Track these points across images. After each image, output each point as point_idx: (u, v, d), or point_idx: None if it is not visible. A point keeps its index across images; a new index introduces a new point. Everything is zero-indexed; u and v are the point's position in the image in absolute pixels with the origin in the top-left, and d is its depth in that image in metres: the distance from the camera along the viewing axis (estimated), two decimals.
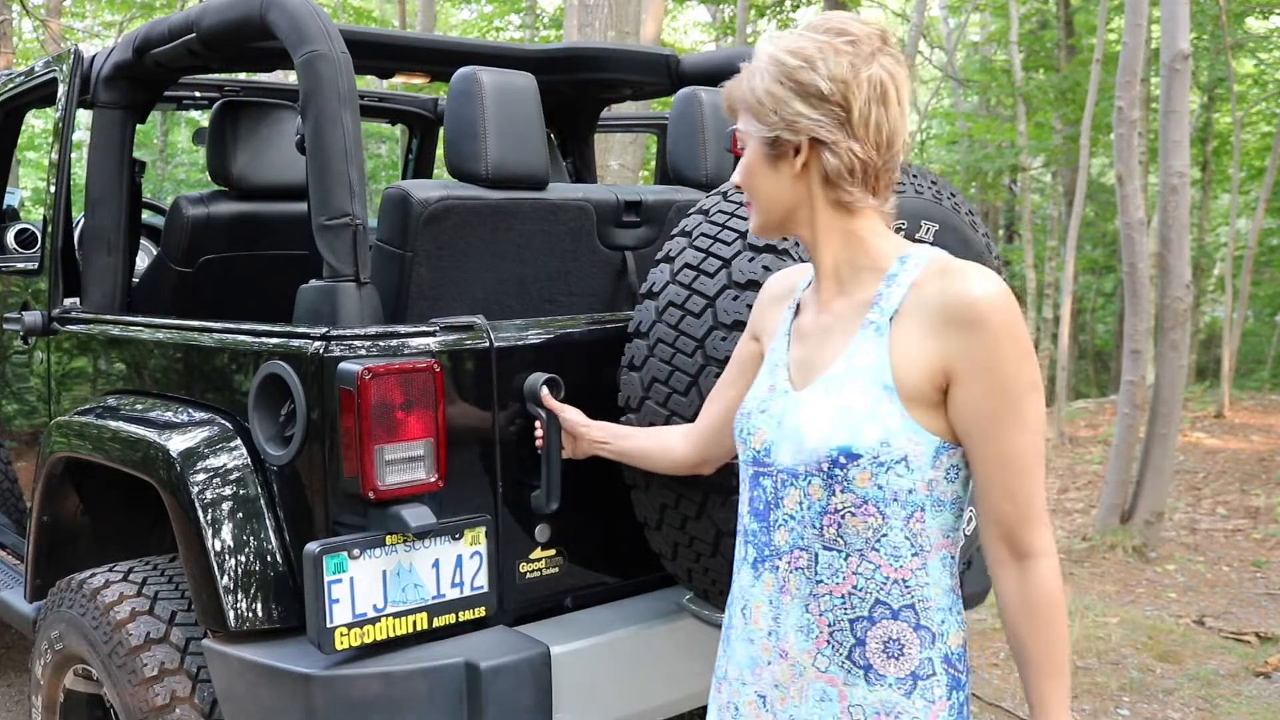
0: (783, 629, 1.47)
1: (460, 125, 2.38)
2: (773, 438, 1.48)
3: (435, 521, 1.99)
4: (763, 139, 1.46)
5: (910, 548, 1.41)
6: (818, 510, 1.43)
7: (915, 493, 1.40)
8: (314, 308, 2.17)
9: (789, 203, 1.49)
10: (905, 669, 1.42)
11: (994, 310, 1.35)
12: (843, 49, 1.40)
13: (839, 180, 1.44)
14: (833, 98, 1.40)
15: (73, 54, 2.89)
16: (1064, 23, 15.02)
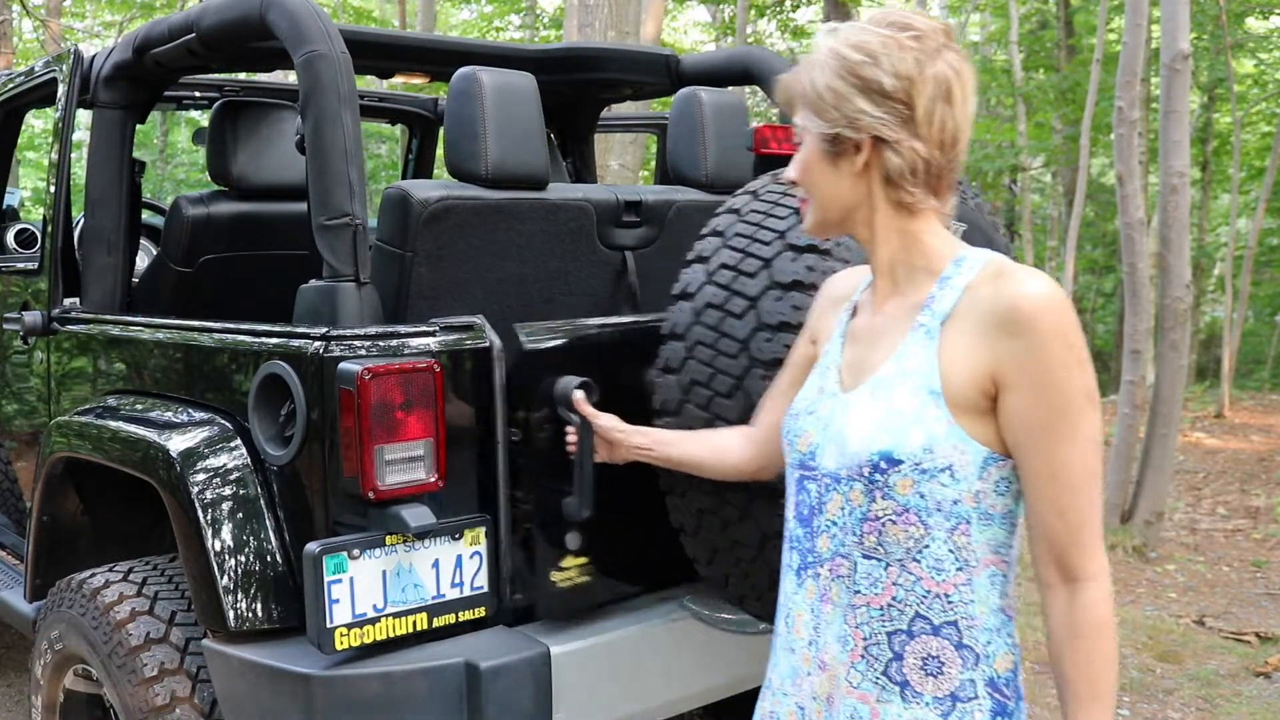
0: (823, 639, 1.43)
1: (460, 125, 2.38)
2: (818, 440, 1.44)
3: (435, 521, 1.99)
4: (822, 135, 1.40)
5: (954, 561, 1.35)
6: (858, 517, 1.38)
7: (961, 504, 1.34)
8: (314, 308, 2.17)
9: (848, 202, 1.43)
10: (944, 689, 1.36)
11: (1045, 313, 1.29)
12: (907, 44, 1.35)
13: (901, 180, 1.39)
14: (897, 95, 1.35)
15: (73, 54, 2.89)
16: (1064, 23, 15.02)
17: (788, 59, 4.40)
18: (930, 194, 1.40)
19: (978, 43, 18.71)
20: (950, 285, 1.37)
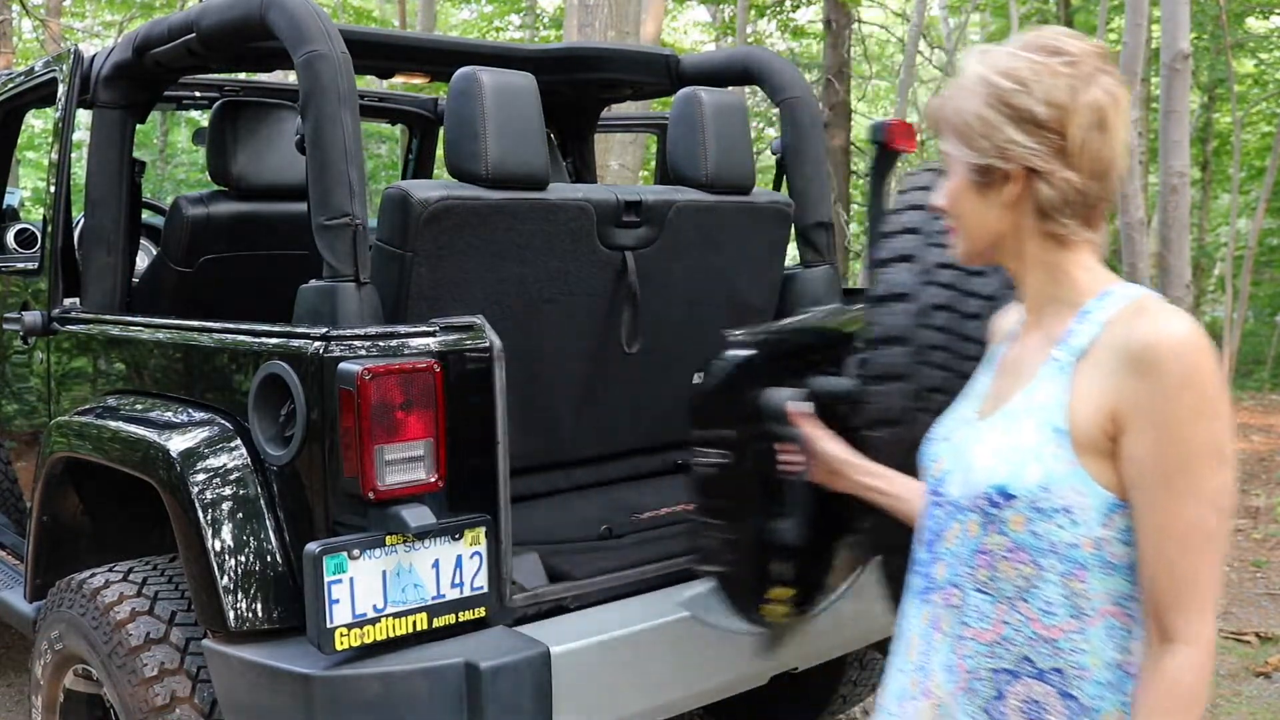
0: (930, 666, 1.40)
1: (460, 125, 2.38)
2: (949, 467, 1.41)
3: (435, 522, 1.99)
4: (971, 165, 1.36)
5: (1067, 607, 1.30)
6: (972, 548, 1.35)
7: (1078, 549, 1.28)
8: (314, 308, 2.17)
9: (997, 232, 1.39)
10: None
11: (1175, 356, 1.22)
12: (1060, 71, 1.31)
13: (1053, 212, 1.33)
14: (1049, 124, 1.30)
15: (73, 54, 2.89)
16: (1064, 23, 15.01)
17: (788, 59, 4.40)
18: (1083, 225, 1.35)
19: (978, 43, 18.72)
20: (1090, 320, 1.32)
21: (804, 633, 2.46)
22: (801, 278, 3.09)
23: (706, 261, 2.80)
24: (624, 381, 2.77)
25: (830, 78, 12.48)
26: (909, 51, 13.55)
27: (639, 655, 2.20)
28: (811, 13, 15.88)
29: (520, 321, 2.49)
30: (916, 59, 14.58)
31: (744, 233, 2.86)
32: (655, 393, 2.86)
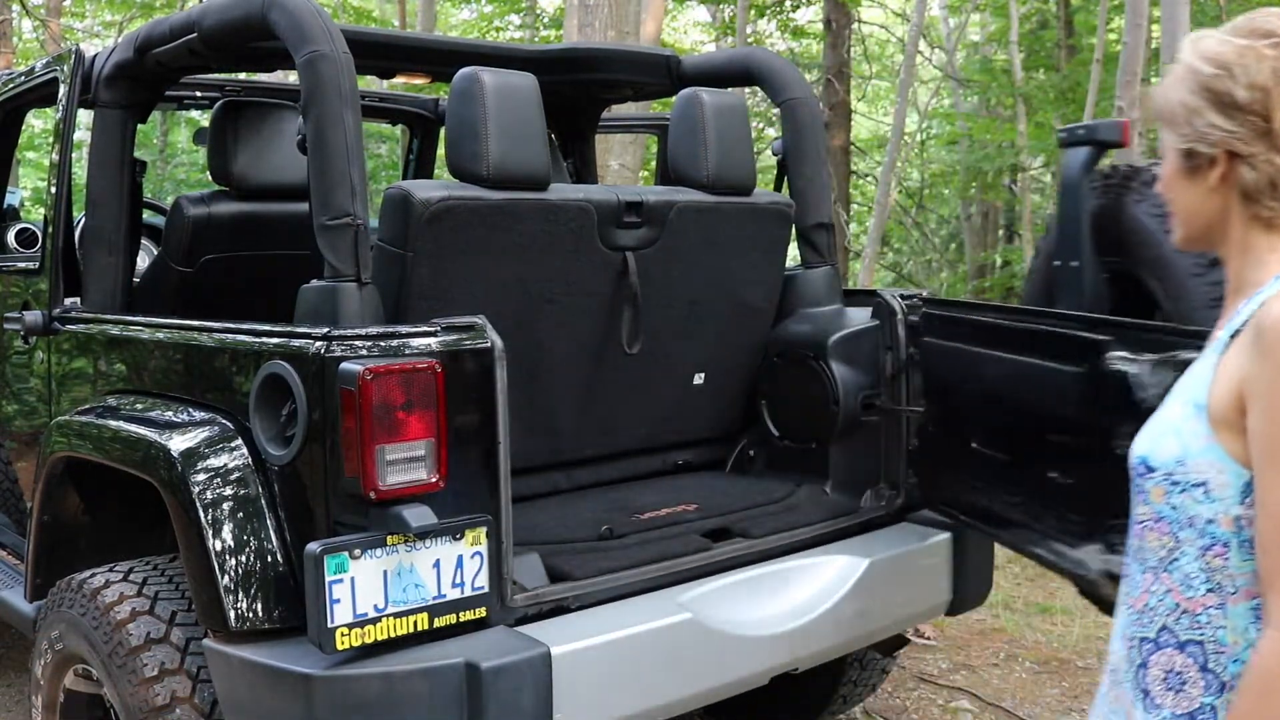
0: (1117, 630, 1.45)
1: (462, 125, 2.38)
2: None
3: (436, 521, 1.99)
4: (1178, 150, 1.39)
5: (1205, 581, 1.32)
6: (1133, 519, 1.41)
7: (1216, 524, 1.30)
8: (315, 308, 2.17)
9: (1207, 216, 1.41)
10: (1183, 707, 1.33)
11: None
12: (1266, 53, 1.31)
13: (1258, 195, 1.34)
14: (1251, 107, 1.31)
15: (74, 54, 2.89)
16: (1064, 23, 15.02)
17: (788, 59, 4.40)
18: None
19: (978, 43, 18.71)
20: (1255, 300, 1.32)
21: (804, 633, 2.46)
22: (802, 278, 3.10)
23: (707, 262, 2.80)
24: (624, 382, 2.77)
25: (830, 78, 12.48)
26: (909, 51, 13.53)
27: (639, 656, 2.20)
28: (811, 13, 15.88)
29: (521, 321, 2.49)
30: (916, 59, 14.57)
31: (745, 233, 2.86)
32: (656, 393, 2.86)
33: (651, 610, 2.29)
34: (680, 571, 2.42)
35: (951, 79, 17.55)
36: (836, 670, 3.25)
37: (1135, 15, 6.31)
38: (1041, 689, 4.07)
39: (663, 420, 2.93)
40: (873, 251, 12.73)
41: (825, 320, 2.97)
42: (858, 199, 16.51)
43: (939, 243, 19.46)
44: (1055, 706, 3.93)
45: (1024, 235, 14.80)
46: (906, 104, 13.75)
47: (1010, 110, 15.85)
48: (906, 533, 2.80)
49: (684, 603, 2.33)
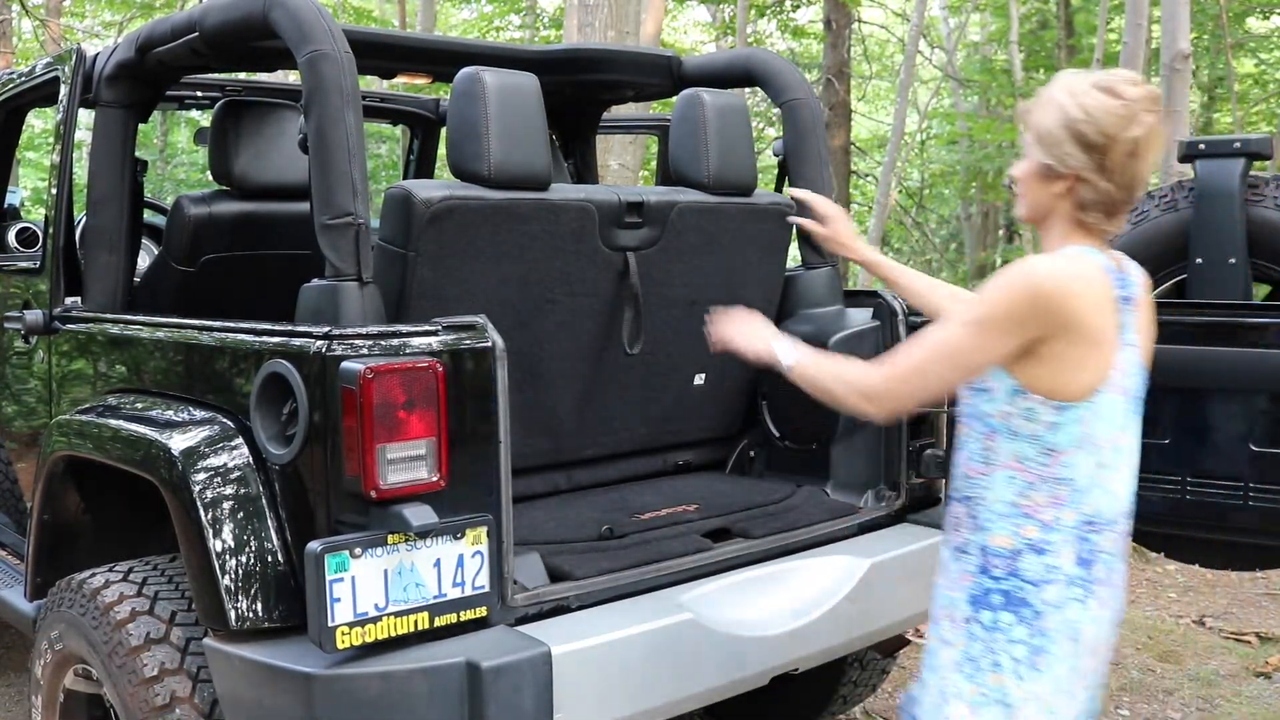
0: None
1: (463, 125, 2.38)
2: None
3: (437, 521, 1.99)
4: (1039, 161, 1.85)
5: (981, 457, 1.87)
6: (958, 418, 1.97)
7: (992, 418, 1.85)
8: (316, 307, 2.17)
9: (1045, 210, 1.88)
10: (955, 541, 1.93)
11: (1001, 275, 1.80)
12: (1116, 111, 1.78)
13: (1087, 207, 1.83)
14: (1100, 148, 1.78)
15: (75, 53, 2.89)
16: (1064, 23, 15.02)
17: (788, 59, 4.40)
18: (1105, 218, 1.84)
19: (978, 43, 18.71)
20: None
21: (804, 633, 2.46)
22: (803, 279, 3.10)
23: (708, 262, 2.80)
24: (625, 382, 2.77)
25: (830, 78, 12.48)
26: (909, 51, 13.54)
27: (640, 656, 2.20)
28: (811, 13, 15.88)
29: (522, 321, 2.49)
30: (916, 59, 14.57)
31: (745, 234, 2.86)
32: (656, 393, 2.86)
33: (652, 610, 2.29)
34: (681, 572, 2.42)
35: (951, 79, 17.55)
36: (836, 671, 3.25)
37: (1135, 15, 6.30)
38: None
39: (663, 420, 2.93)
40: None
41: (826, 321, 2.97)
42: (858, 199, 16.51)
43: (939, 243, 19.46)
44: None
45: (1024, 235, 14.80)
46: (906, 104, 13.75)
47: (1010, 110, 15.84)
48: (907, 534, 2.80)
49: (684, 603, 2.33)
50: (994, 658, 1.85)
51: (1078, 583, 1.85)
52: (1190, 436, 2.70)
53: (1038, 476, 1.83)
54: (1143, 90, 1.80)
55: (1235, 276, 2.97)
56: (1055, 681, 1.85)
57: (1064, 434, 1.80)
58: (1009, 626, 1.84)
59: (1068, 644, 1.84)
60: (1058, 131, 1.81)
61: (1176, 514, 2.69)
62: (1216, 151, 3.05)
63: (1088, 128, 1.78)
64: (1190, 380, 2.68)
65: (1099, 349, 1.79)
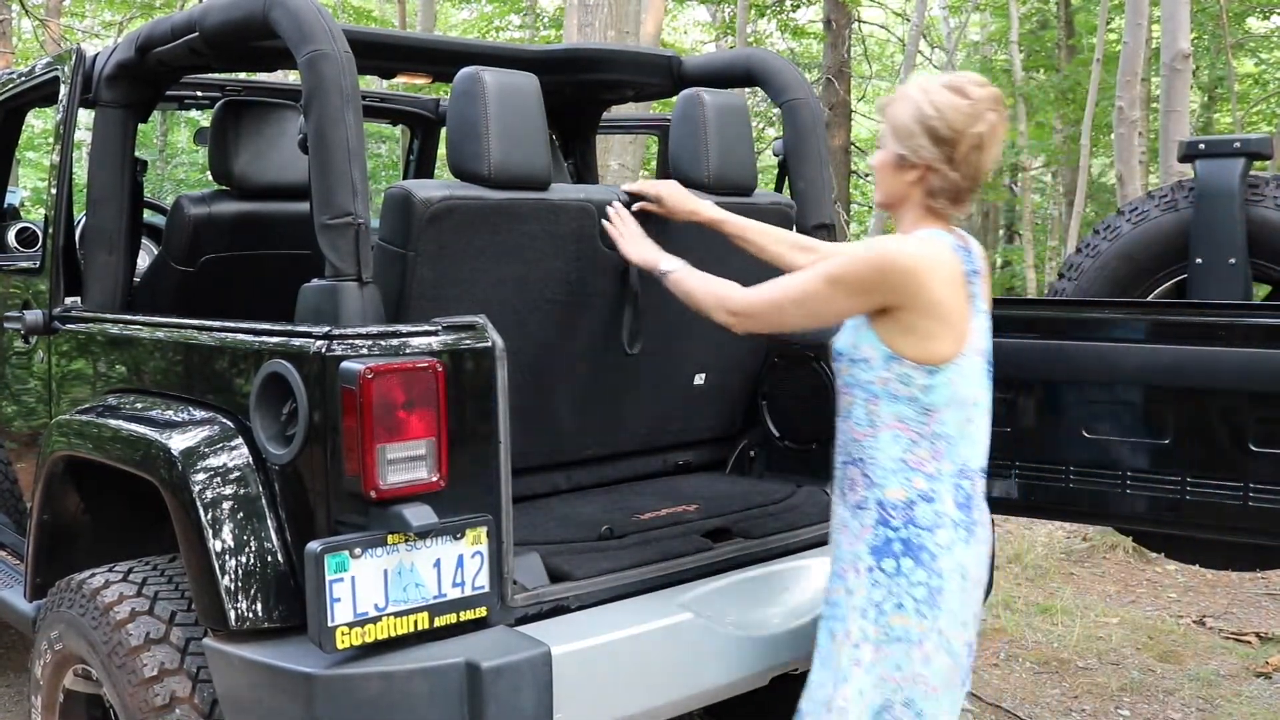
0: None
1: (463, 125, 2.38)
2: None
3: (437, 521, 1.99)
4: (894, 152, 2.08)
5: (866, 421, 2.10)
6: (837, 388, 2.19)
7: (873, 384, 2.08)
8: (316, 307, 2.17)
9: (899, 196, 2.11)
10: (853, 500, 2.15)
11: (859, 247, 2.16)
12: (963, 109, 2.01)
13: (936, 194, 2.06)
14: (948, 142, 2.01)
15: (75, 53, 2.89)
16: (1064, 23, 15.02)
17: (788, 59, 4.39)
18: (951, 204, 2.08)
19: (978, 43, 18.72)
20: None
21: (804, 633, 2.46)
22: None
23: (708, 262, 2.80)
24: (625, 382, 2.77)
25: (830, 78, 12.48)
26: (909, 51, 13.55)
27: (640, 656, 2.20)
28: (811, 13, 15.88)
29: (522, 321, 2.49)
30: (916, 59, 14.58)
31: None
32: (656, 393, 2.86)
33: (652, 610, 2.29)
34: (681, 572, 2.42)
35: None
36: None
37: (1135, 15, 6.31)
38: (1041, 689, 4.07)
39: (663, 420, 2.93)
40: None
41: None
42: (858, 199, 16.51)
43: None
44: (1055, 706, 3.93)
45: (1024, 235, 14.80)
46: None
47: (1010, 110, 15.85)
48: None
49: (684, 603, 2.33)
50: (897, 600, 2.07)
51: (961, 525, 2.09)
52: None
53: (918, 434, 2.06)
54: (987, 91, 2.03)
55: (1235, 276, 2.98)
56: (951, 615, 2.09)
57: (936, 394, 2.04)
58: (910, 571, 2.07)
59: (958, 580, 2.08)
60: (912, 125, 2.03)
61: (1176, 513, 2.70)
62: (1216, 151, 3.05)
63: (938, 123, 2.01)
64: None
65: (952, 319, 2.03)
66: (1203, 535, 2.77)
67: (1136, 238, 3.16)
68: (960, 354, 2.04)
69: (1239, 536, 2.68)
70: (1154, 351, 2.63)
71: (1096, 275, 3.21)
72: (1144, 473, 2.66)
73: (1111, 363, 2.68)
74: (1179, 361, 2.59)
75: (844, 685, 2.11)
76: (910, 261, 2.00)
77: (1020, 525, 6.05)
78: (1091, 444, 2.73)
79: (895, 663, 2.08)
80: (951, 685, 2.14)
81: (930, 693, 2.10)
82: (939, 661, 2.09)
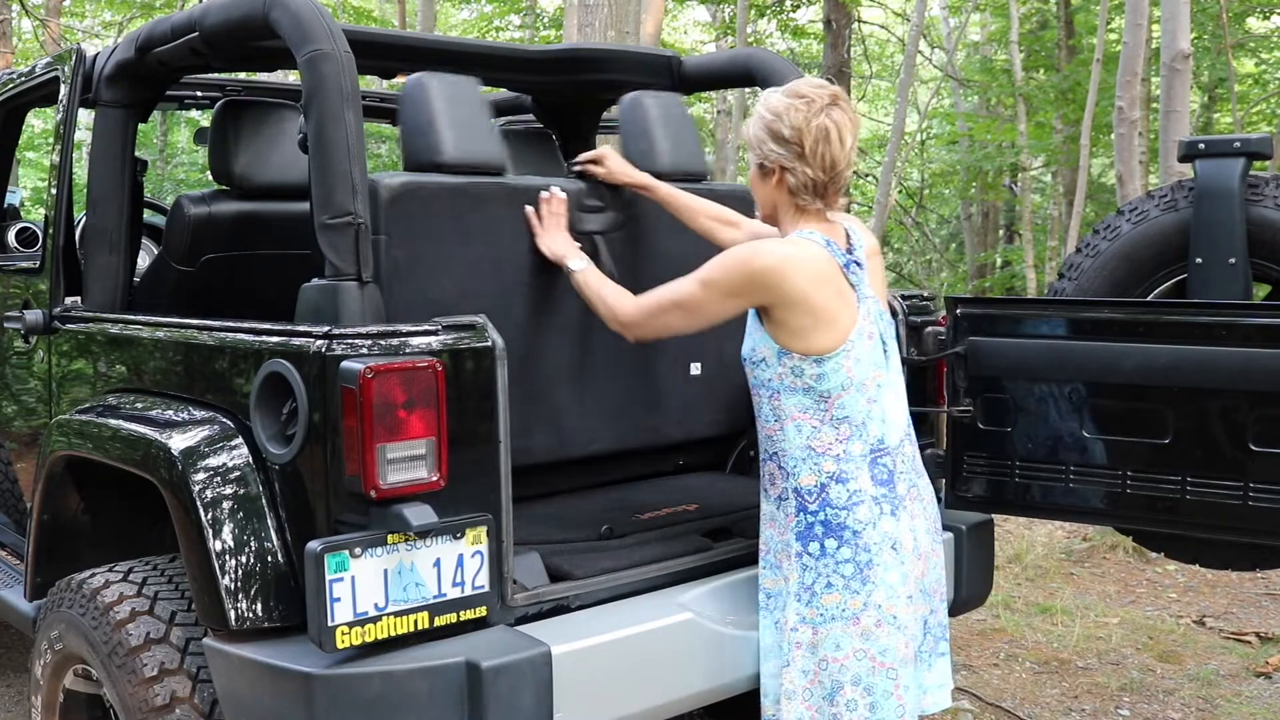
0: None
1: (416, 122, 2.48)
2: None
3: (437, 520, 1.99)
4: (755, 163, 2.27)
5: (773, 417, 2.23)
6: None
7: (772, 381, 2.21)
8: (316, 306, 2.17)
9: (770, 203, 2.29)
10: (774, 493, 2.28)
11: (735, 250, 2.24)
12: (799, 108, 2.17)
13: (799, 191, 2.22)
14: (793, 140, 2.18)
15: (75, 53, 2.89)
16: (1064, 23, 15.01)
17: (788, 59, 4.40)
18: (817, 198, 2.22)
19: (978, 43, 18.71)
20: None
21: None
22: None
23: (674, 246, 2.84)
24: (614, 367, 2.77)
25: (830, 78, 12.45)
26: (909, 51, 13.54)
27: (640, 655, 2.20)
28: (811, 13, 15.88)
29: (500, 303, 2.51)
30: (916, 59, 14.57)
31: None
32: (650, 379, 2.86)
33: (652, 610, 2.29)
34: (681, 571, 2.42)
35: (951, 79, 17.55)
36: None
37: (1135, 15, 6.31)
38: (1041, 689, 4.07)
39: (659, 407, 2.94)
40: None
41: None
42: (858, 199, 16.51)
43: (939, 243, 19.46)
44: (1055, 706, 3.94)
45: (1024, 235, 14.80)
46: (906, 104, 13.75)
47: (1010, 110, 15.85)
48: None
49: (684, 602, 2.33)
50: (827, 580, 2.17)
51: (883, 499, 2.20)
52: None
53: (820, 420, 2.19)
54: (825, 90, 2.20)
55: (1235, 276, 2.98)
56: (888, 588, 2.17)
57: (829, 381, 2.17)
58: (834, 550, 2.18)
59: (889, 553, 2.18)
60: (759, 134, 2.22)
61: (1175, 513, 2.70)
62: (1216, 151, 3.05)
63: (779, 125, 2.18)
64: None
65: (823, 312, 2.15)
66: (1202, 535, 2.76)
67: (1136, 237, 3.16)
68: (846, 341, 2.16)
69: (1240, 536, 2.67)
70: (1152, 351, 2.63)
71: (1096, 275, 3.21)
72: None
73: (1110, 362, 2.68)
74: (1177, 361, 2.59)
75: (788, 669, 2.21)
76: (771, 262, 2.13)
77: (1020, 525, 6.05)
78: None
79: (834, 642, 2.17)
80: (906, 659, 2.20)
81: (878, 668, 2.16)
82: (882, 636, 2.16)
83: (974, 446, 2.86)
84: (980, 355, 2.81)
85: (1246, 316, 2.56)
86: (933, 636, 2.37)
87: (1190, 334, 2.59)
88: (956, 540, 2.80)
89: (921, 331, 2.89)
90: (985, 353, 2.81)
